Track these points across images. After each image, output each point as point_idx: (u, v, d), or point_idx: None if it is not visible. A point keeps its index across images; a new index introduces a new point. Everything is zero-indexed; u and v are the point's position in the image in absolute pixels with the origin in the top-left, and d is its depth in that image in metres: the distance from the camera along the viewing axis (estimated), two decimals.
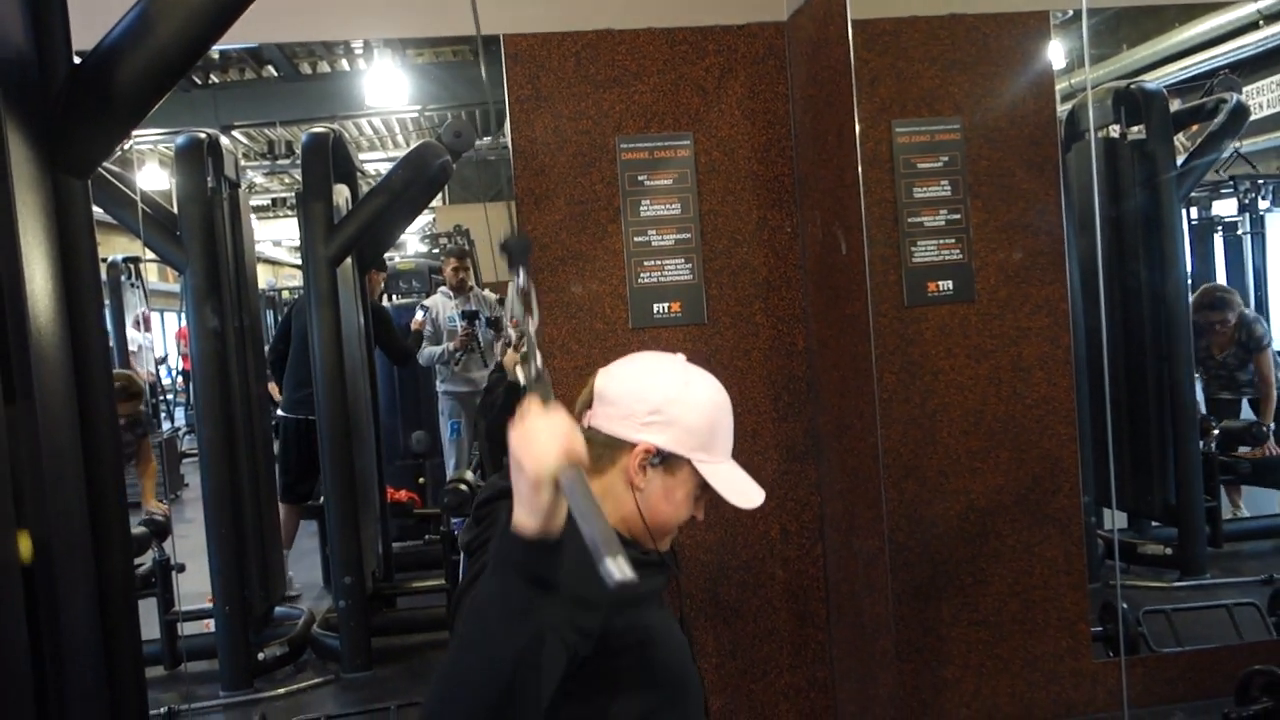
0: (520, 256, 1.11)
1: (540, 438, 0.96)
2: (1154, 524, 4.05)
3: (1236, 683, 2.67)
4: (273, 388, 4.57)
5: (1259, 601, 3.18)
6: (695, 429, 1.31)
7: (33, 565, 1.45)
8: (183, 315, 3.98)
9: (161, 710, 3.16)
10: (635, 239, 2.74)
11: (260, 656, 3.70)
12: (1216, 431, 4.04)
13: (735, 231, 2.79)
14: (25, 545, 1.44)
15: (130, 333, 7.77)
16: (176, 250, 3.54)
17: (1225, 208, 6.16)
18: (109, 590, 1.65)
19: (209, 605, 3.72)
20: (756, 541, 2.81)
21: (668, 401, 1.30)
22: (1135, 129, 3.83)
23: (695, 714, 1.33)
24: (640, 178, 2.74)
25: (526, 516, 0.98)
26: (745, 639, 2.82)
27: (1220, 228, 6.11)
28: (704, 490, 1.35)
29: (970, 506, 2.82)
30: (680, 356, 1.36)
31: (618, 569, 0.91)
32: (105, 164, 3.66)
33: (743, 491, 1.35)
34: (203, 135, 3.62)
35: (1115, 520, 3.65)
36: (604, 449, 1.31)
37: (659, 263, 2.75)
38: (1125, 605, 3.12)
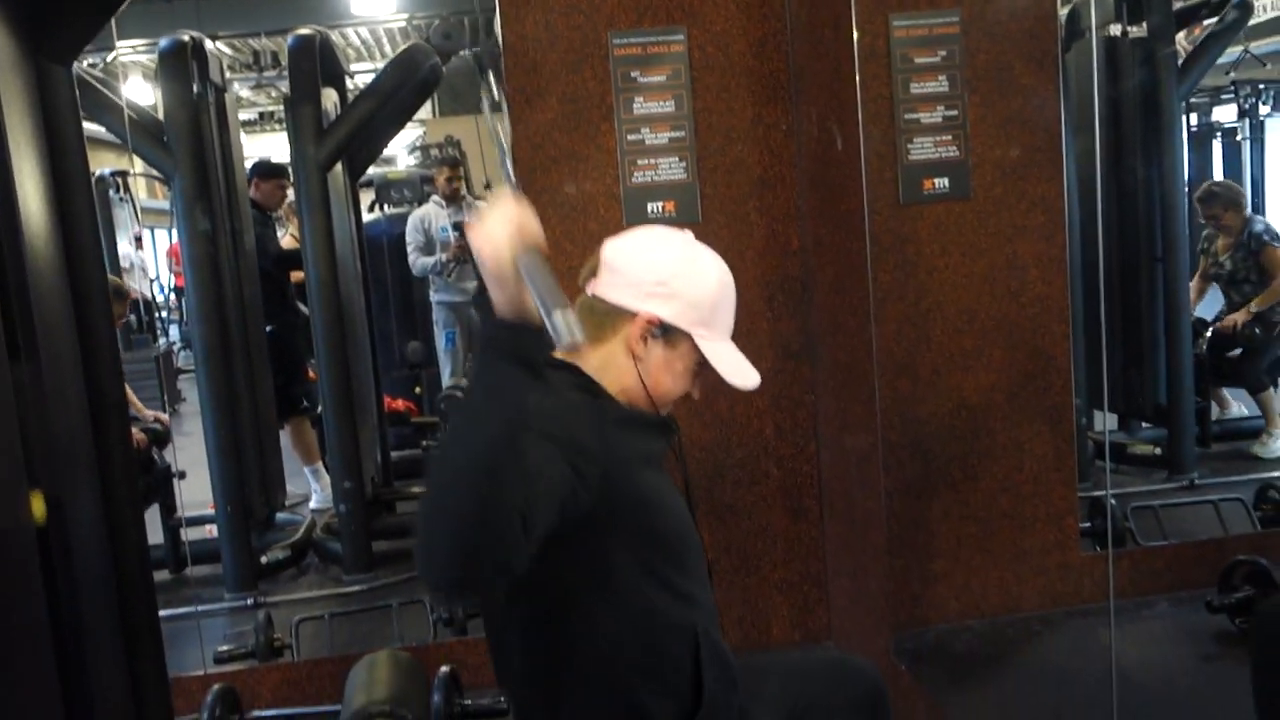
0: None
1: (493, 229, 1.00)
2: (1144, 425, 4.09)
3: (1220, 573, 2.74)
4: None
5: (1245, 497, 3.23)
6: (699, 304, 1.32)
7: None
8: (173, 231, 3.93)
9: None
10: (629, 137, 2.71)
11: (263, 560, 3.76)
12: (1209, 333, 4.06)
13: (730, 129, 2.76)
14: (39, 507, 1.43)
15: (123, 248, 7.73)
16: (164, 156, 3.49)
17: (1225, 114, 6.09)
18: (122, 547, 1.66)
19: (211, 512, 3.78)
20: (751, 440, 2.84)
21: (674, 274, 1.31)
22: (1137, 27, 3.77)
23: (696, 571, 1.36)
24: (633, 74, 2.70)
25: (500, 299, 1.02)
26: (740, 535, 2.87)
27: (1219, 134, 6.05)
28: (702, 367, 1.37)
29: (962, 404, 2.84)
30: (688, 233, 1.37)
31: (565, 325, 0.97)
32: (89, 73, 3.61)
33: (740, 371, 1.37)
34: (186, 38, 3.55)
35: (1106, 417, 3.68)
36: (606, 317, 1.33)
37: (652, 161, 2.73)
38: (1114, 502, 3.18)
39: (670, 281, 1.31)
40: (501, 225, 1.00)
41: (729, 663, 1.37)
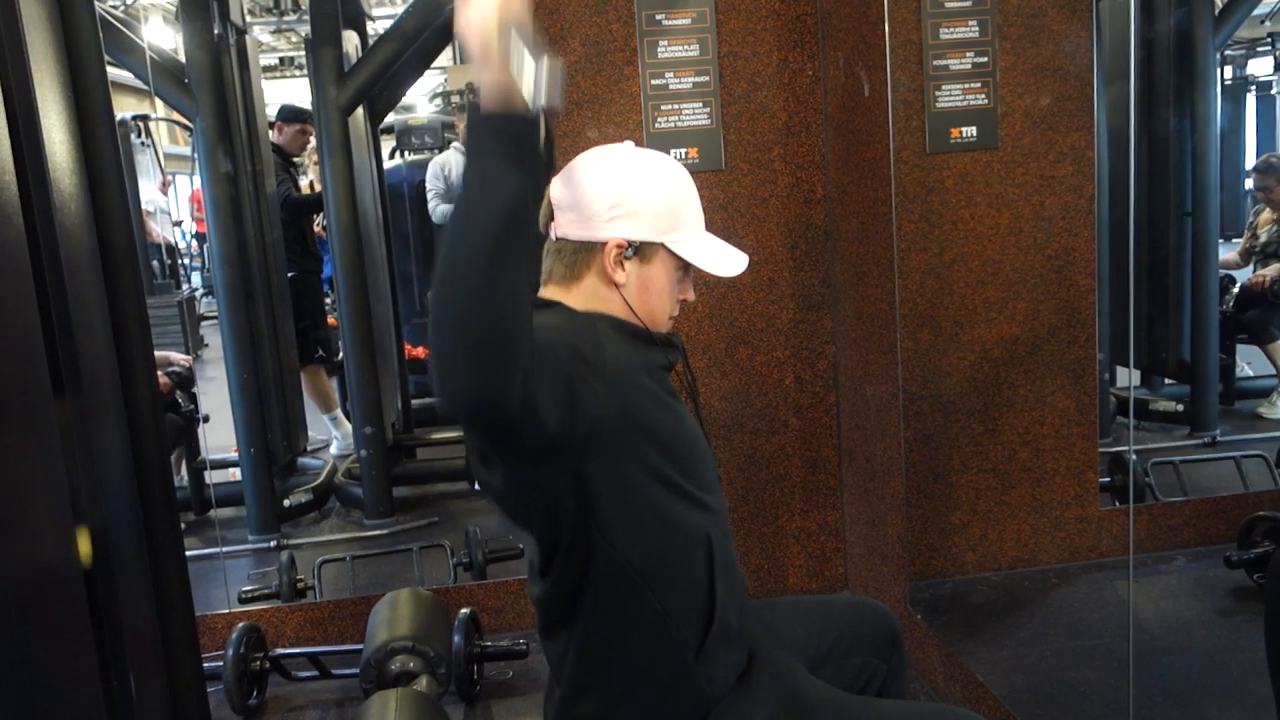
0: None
1: (478, 10, 1.01)
2: (1167, 382, 4.06)
3: (1240, 529, 2.72)
4: None
5: (1267, 454, 3.21)
6: (659, 211, 1.31)
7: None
8: (195, 177, 3.93)
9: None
10: (652, 82, 2.68)
11: (286, 503, 3.81)
12: (1236, 290, 4.01)
13: (755, 74, 2.72)
14: (85, 545, 1.44)
15: (147, 193, 7.73)
16: (186, 98, 3.48)
17: (1261, 67, 5.96)
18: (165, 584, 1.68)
19: (234, 455, 3.82)
20: (771, 389, 2.84)
21: (624, 192, 1.29)
22: None
23: (707, 479, 1.36)
24: (658, 17, 2.66)
25: (486, 78, 1.03)
26: (758, 484, 2.88)
27: (1254, 87, 5.92)
28: (685, 270, 1.36)
29: (984, 356, 2.83)
30: (628, 143, 1.35)
31: (550, 73, 1.04)
32: (112, 13, 3.59)
33: (721, 260, 1.36)
34: None
35: (1132, 372, 3.65)
36: (576, 255, 1.32)
37: (676, 106, 2.70)
38: (1134, 457, 3.17)
39: (625, 200, 1.29)
40: (484, 6, 1.01)
41: (739, 579, 1.39)
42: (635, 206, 1.30)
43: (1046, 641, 2.54)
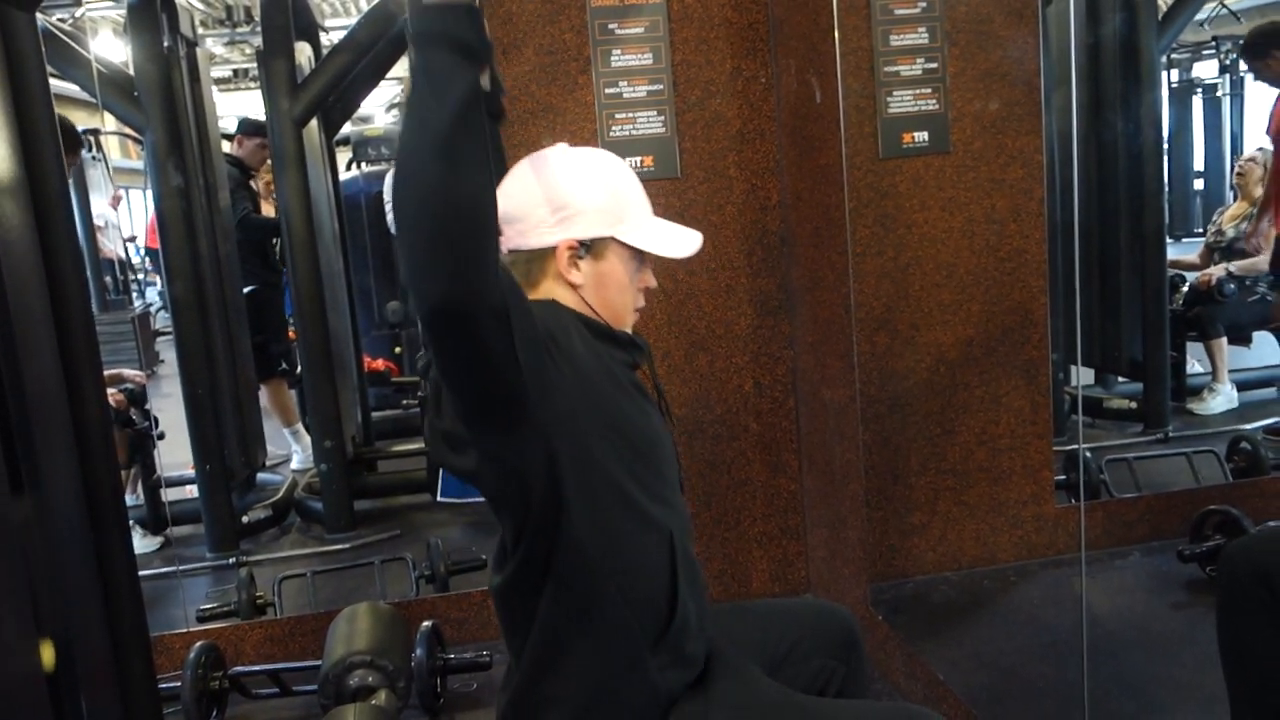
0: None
1: None
2: (1120, 380, 4.13)
3: (1192, 523, 2.78)
4: None
5: (1217, 449, 3.28)
6: (603, 206, 1.32)
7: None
8: (148, 193, 3.89)
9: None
10: (606, 90, 2.69)
11: (244, 519, 3.76)
12: (1186, 289, 4.09)
13: (709, 82, 2.74)
14: (48, 655, 1.41)
15: (98, 208, 7.62)
16: (134, 111, 3.44)
17: (1206, 70, 6.09)
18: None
19: (190, 472, 3.77)
20: (730, 396, 2.85)
21: (564, 194, 1.30)
22: None
23: (670, 477, 1.37)
24: (611, 26, 2.66)
25: None
26: (719, 490, 2.89)
27: (1200, 90, 6.05)
28: (641, 258, 1.37)
29: (940, 359, 2.86)
30: (561, 145, 1.36)
31: None
32: (58, 27, 3.53)
33: (674, 243, 1.38)
34: None
35: (1079, 370, 3.70)
36: (530, 264, 1.33)
37: (631, 115, 2.71)
38: (1089, 455, 3.22)
39: (567, 202, 1.30)
40: None
41: (700, 579, 1.39)
42: (579, 206, 1.30)
43: (1005, 639, 2.57)
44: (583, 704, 1.30)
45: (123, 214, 8.74)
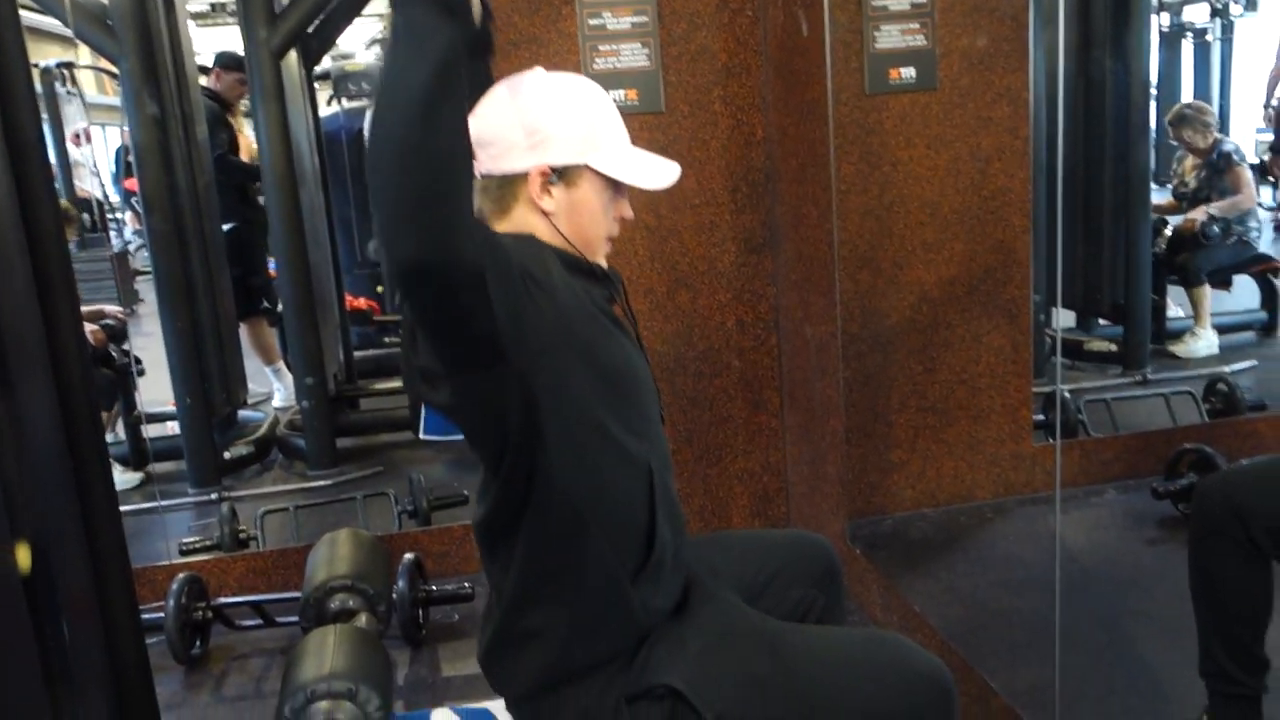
0: None
1: None
2: (1101, 323, 4.16)
3: (1167, 461, 2.81)
4: None
5: (1194, 390, 3.31)
6: (577, 132, 1.29)
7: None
8: (125, 128, 3.81)
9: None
10: (590, 21, 2.64)
11: (226, 456, 3.76)
12: (1168, 232, 4.10)
13: (694, 14, 2.69)
14: (24, 557, 1.39)
15: (71, 149, 7.49)
16: (109, 40, 3.36)
17: (1197, 13, 6.04)
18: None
19: (172, 408, 3.75)
20: (713, 332, 2.85)
21: (538, 118, 1.28)
22: None
23: (650, 411, 1.37)
24: None
25: None
26: (701, 426, 2.90)
27: (1190, 34, 6.01)
28: (616, 188, 1.35)
29: (923, 297, 2.86)
30: (537, 70, 1.33)
31: None
32: None
33: (650, 173, 1.35)
34: None
35: (1059, 309, 3.72)
36: (502, 189, 1.31)
37: (615, 47, 2.66)
38: (1068, 395, 3.24)
39: (540, 126, 1.28)
40: None
41: (678, 512, 1.40)
42: (552, 131, 1.28)
43: (981, 573, 2.61)
44: (564, 635, 1.31)
45: (100, 151, 8.60)
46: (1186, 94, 5.81)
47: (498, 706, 2.08)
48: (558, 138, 1.28)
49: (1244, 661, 1.68)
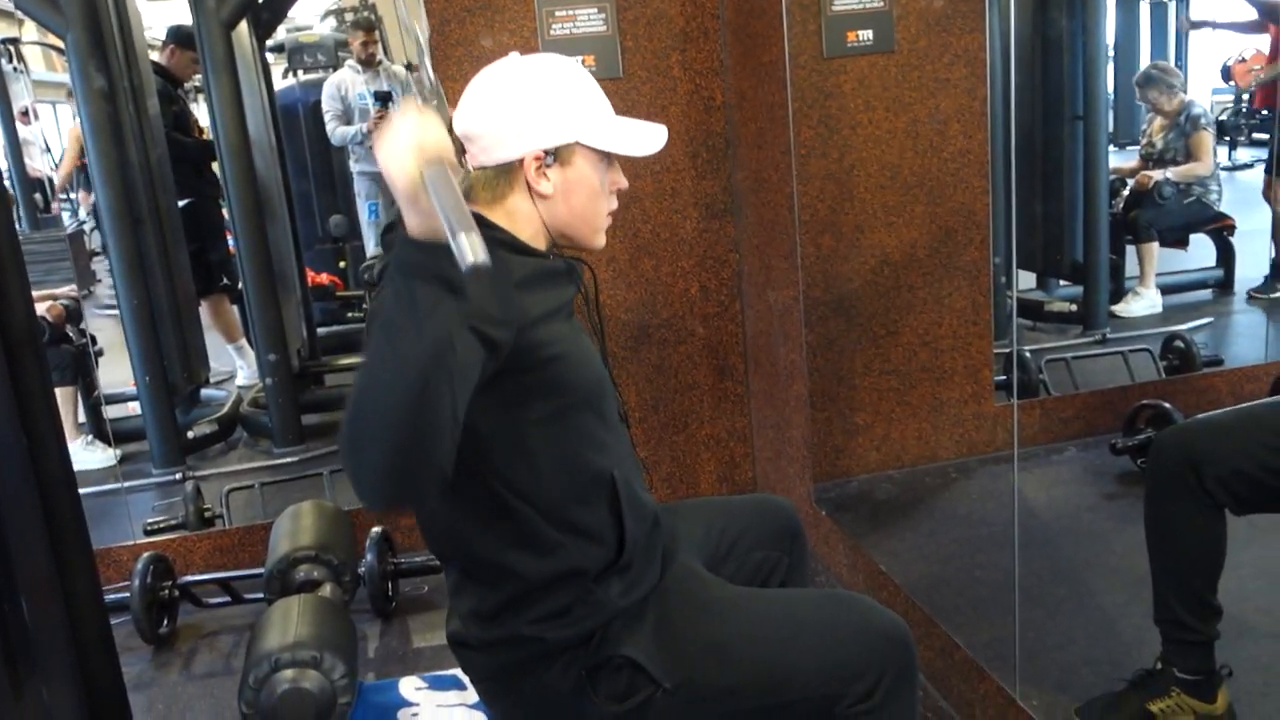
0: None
1: (396, 145, 0.96)
2: (1061, 284, 4.20)
3: (1125, 417, 2.86)
4: None
5: (1152, 348, 3.36)
6: (564, 112, 1.29)
7: None
8: (75, 108, 3.73)
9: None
10: None
11: (190, 435, 3.72)
12: (1126, 192, 4.13)
13: None
14: None
15: (20, 127, 7.31)
16: (53, 13, 3.28)
17: None
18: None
19: (132, 389, 3.70)
20: (677, 300, 2.86)
21: (524, 104, 1.28)
22: None
23: (610, 418, 1.37)
24: None
25: (414, 221, 0.99)
26: (667, 394, 2.91)
27: None
28: (608, 160, 1.35)
29: (885, 260, 2.88)
30: (513, 55, 1.32)
31: (470, 247, 0.90)
32: None
33: (640, 140, 1.35)
34: None
35: (1015, 270, 3.74)
36: (497, 179, 1.30)
37: (571, 12, 2.64)
38: (1028, 355, 3.28)
39: (529, 113, 1.27)
40: (405, 141, 0.95)
41: (646, 507, 1.40)
42: (540, 114, 1.27)
43: (945, 531, 2.65)
44: (531, 631, 1.32)
45: (50, 129, 8.42)
46: (1144, 55, 5.85)
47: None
48: (545, 120, 1.28)
49: (1197, 609, 1.72)
